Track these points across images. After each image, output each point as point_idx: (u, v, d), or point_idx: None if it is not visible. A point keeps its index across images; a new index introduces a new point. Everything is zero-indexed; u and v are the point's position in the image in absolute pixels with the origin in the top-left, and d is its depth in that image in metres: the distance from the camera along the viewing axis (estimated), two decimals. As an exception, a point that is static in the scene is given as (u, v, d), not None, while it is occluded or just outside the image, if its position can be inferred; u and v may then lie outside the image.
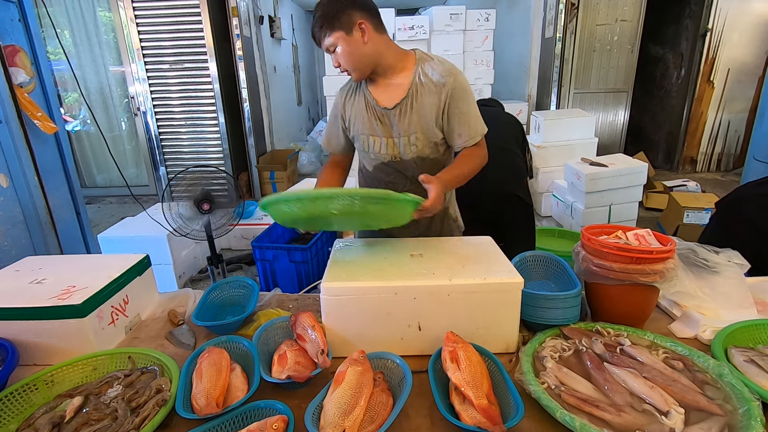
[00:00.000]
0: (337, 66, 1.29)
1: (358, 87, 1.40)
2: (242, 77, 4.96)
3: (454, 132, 1.33)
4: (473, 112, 1.32)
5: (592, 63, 5.10)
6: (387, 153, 1.40)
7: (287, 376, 0.91)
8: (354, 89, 1.41)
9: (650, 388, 0.87)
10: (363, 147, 1.43)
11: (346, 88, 1.43)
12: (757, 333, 1.07)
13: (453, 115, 1.31)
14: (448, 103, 1.29)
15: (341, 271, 1.10)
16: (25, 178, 2.06)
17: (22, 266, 1.29)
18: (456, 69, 1.32)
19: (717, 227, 1.73)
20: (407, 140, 1.35)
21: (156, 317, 1.32)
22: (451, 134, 1.34)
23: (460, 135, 1.32)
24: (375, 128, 1.37)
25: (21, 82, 2.04)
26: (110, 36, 4.76)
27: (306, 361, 0.96)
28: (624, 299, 1.10)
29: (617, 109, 5.33)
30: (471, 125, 1.32)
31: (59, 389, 0.98)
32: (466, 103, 1.30)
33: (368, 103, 1.36)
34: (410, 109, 1.32)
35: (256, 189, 5.34)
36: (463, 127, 1.31)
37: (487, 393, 0.84)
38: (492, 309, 1.04)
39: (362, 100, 1.37)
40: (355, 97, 1.39)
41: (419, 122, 1.32)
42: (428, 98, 1.30)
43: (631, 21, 4.95)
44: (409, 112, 1.32)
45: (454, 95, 1.29)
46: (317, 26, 1.25)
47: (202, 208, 2.10)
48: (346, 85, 1.44)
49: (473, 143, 1.33)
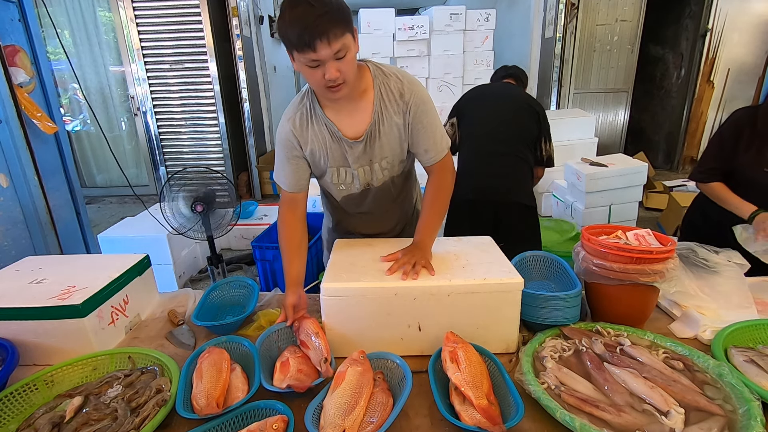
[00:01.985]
0: (335, 77, 1.01)
1: (310, 114, 1.18)
2: (242, 77, 4.96)
3: (420, 147, 1.23)
4: (438, 126, 1.23)
5: (592, 63, 5.10)
6: (360, 183, 1.28)
7: (288, 386, 0.90)
8: (307, 117, 1.19)
9: (650, 388, 0.87)
10: (332, 179, 1.28)
11: (295, 118, 1.19)
12: (757, 333, 1.07)
13: (417, 132, 1.20)
14: (412, 121, 1.19)
15: (341, 272, 1.10)
16: (25, 178, 2.06)
17: (22, 266, 1.29)
18: (413, 81, 1.20)
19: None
20: (378, 166, 1.25)
21: (156, 317, 1.32)
22: (417, 150, 1.24)
23: (427, 150, 1.23)
24: (345, 159, 1.23)
25: (21, 82, 2.04)
26: (110, 36, 4.76)
27: (309, 369, 0.95)
28: (624, 299, 1.10)
29: (617, 109, 5.33)
30: (437, 140, 1.22)
31: (59, 389, 0.98)
32: (428, 117, 1.20)
33: (333, 134, 1.19)
34: (378, 136, 1.20)
35: (256, 189, 5.34)
36: (429, 142, 1.21)
37: (487, 393, 0.84)
38: (492, 309, 1.04)
39: (323, 130, 1.19)
40: (312, 126, 1.19)
41: (388, 146, 1.22)
42: (393, 120, 1.18)
43: (631, 21, 4.95)
44: (378, 139, 1.20)
45: (417, 111, 1.18)
46: (327, 22, 0.94)
47: (195, 210, 2.10)
48: (290, 112, 1.20)
49: (440, 158, 1.24)
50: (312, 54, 0.96)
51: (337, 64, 1.00)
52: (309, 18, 0.93)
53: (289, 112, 1.21)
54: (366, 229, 1.44)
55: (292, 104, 1.21)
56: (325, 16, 0.94)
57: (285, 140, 1.21)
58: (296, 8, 0.94)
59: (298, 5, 0.94)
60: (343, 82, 1.03)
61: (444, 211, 1.26)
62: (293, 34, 0.95)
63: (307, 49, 0.96)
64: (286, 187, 1.26)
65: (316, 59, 0.97)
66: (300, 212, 1.28)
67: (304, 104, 1.19)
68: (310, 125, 1.19)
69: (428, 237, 1.19)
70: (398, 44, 4.34)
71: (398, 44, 4.34)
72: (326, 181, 1.32)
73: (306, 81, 1.10)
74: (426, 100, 1.19)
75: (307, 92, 1.20)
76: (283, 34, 0.98)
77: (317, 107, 1.18)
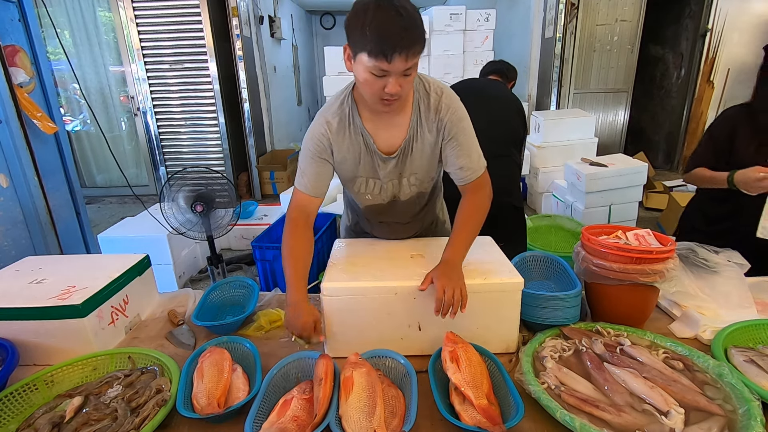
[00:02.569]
0: (396, 92, 0.97)
1: (349, 122, 1.14)
2: (242, 77, 4.96)
3: (454, 166, 1.18)
4: (474, 144, 1.18)
5: (592, 63, 5.10)
6: (386, 195, 1.25)
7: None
8: (345, 124, 1.14)
9: (650, 388, 0.87)
10: (360, 189, 1.24)
11: (333, 121, 1.14)
12: (757, 333, 1.07)
13: (453, 150, 1.16)
14: (446, 138, 1.15)
15: (341, 271, 1.10)
16: (25, 178, 2.05)
17: (22, 266, 1.29)
18: (451, 97, 1.15)
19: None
20: (407, 181, 1.22)
21: (156, 317, 1.32)
22: (452, 168, 1.19)
23: (462, 168, 1.17)
24: (376, 171, 1.20)
25: (21, 82, 2.04)
26: (110, 36, 4.76)
27: (307, 417, 0.85)
28: (624, 299, 1.10)
29: (617, 109, 5.33)
30: (473, 158, 1.17)
31: (59, 389, 0.98)
32: (464, 136, 1.15)
33: (368, 146, 1.15)
34: (411, 152, 1.17)
35: (256, 189, 5.34)
36: (464, 160, 1.16)
37: (487, 393, 0.85)
38: (492, 309, 1.04)
39: (359, 140, 1.15)
40: (349, 134, 1.14)
41: (420, 162, 1.19)
42: (428, 137, 1.15)
43: (631, 21, 4.95)
44: (411, 155, 1.17)
45: (453, 129, 1.14)
46: (411, 37, 0.91)
47: (195, 210, 2.10)
48: (328, 114, 1.14)
49: (476, 177, 1.18)
50: (384, 64, 0.92)
51: (401, 80, 0.97)
52: (394, 28, 0.89)
53: (326, 113, 1.15)
54: (383, 235, 1.39)
55: (330, 106, 1.16)
56: (410, 30, 0.90)
57: (317, 139, 1.14)
58: (383, 12, 0.89)
59: (385, 9, 0.89)
60: (399, 97, 1.01)
61: (477, 230, 1.16)
62: (372, 38, 0.90)
63: (383, 58, 0.91)
64: (305, 188, 1.16)
65: (386, 71, 0.93)
66: (311, 221, 1.18)
67: (343, 110, 1.14)
68: (346, 132, 1.14)
69: (459, 256, 1.09)
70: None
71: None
72: (353, 189, 1.27)
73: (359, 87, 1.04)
74: (462, 118, 1.15)
75: (347, 98, 1.14)
76: (358, 33, 0.92)
77: (356, 116, 1.13)
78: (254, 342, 1.08)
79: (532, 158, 4.35)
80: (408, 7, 0.92)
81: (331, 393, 0.88)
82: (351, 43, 0.97)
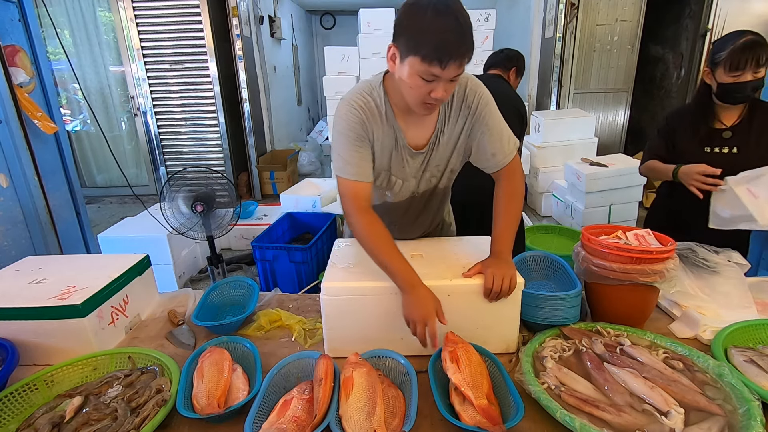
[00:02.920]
0: (442, 97, 0.97)
1: (382, 114, 1.10)
2: (242, 77, 4.95)
3: (486, 152, 1.15)
4: (504, 127, 1.15)
5: (592, 63, 5.09)
6: (406, 192, 1.24)
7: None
8: (379, 115, 1.10)
9: (650, 388, 0.87)
10: (381, 183, 1.20)
11: (369, 110, 1.09)
12: (757, 333, 1.07)
13: (483, 135, 1.13)
14: (475, 124, 1.13)
15: (341, 271, 1.10)
16: (25, 178, 2.06)
17: (22, 266, 1.29)
18: (476, 81, 1.13)
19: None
20: (429, 174, 1.21)
21: (156, 317, 1.32)
22: (483, 155, 1.16)
23: (495, 154, 1.14)
24: (402, 169, 1.18)
25: (21, 82, 2.04)
26: (110, 36, 4.76)
27: (307, 417, 0.84)
28: (624, 299, 1.10)
29: (617, 109, 5.33)
30: (504, 142, 1.14)
31: (59, 389, 0.98)
32: (493, 119, 1.13)
33: (398, 141, 1.13)
34: (437, 146, 1.16)
35: (256, 189, 5.34)
36: (495, 145, 1.13)
37: (487, 393, 0.85)
38: (492, 309, 1.04)
39: (392, 134, 1.12)
40: (383, 126, 1.11)
41: (444, 154, 1.18)
42: (455, 127, 1.14)
43: (631, 21, 4.95)
44: (436, 150, 1.16)
45: (482, 114, 1.11)
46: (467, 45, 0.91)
47: (195, 210, 2.10)
48: (356, 101, 1.09)
49: (509, 161, 1.16)
50: (437, 70, 0.91)
51: (448, 86, 0.96)
52: (452, 35, 0.89)
53: (354, 101, 1.08)
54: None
55: (358, 93, 1.09)
56: (467, 37, 0.90)
57: (352, 126, 1.07)
58: (441, 18, 0.89)
59: (444, 15, 0.89)
60: (442, 102, 1.00)
61: (518, 218, 1.15)
62: (429, 42, 0.89)
63: (437, 64, 0.90)
64: (354, 176, 1.08)
65: (437, 76, 0.92)
66: (371, 207, 1.11)
67: (374, 100, 1.09)
68: (380, 123, 1.10)
69: (507, 247, 1.09)
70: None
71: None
72: (374, 184, 1.21)
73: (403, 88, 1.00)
74: (489, 100, 1.13)
75: (378, 88, 1.10)
76: (412, 36, 0.91)
77: (389, 108, 1.10)
78: (254, 342, 1.08)
79: (532, 158, 4.35)
80: (464, 13, 0.91)
81: (331, 393, 0.88)
82: (401, 45, 0.95)
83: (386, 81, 1.11)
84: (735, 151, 1.51)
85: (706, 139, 1.55)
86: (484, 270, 1.03)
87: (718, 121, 1.55)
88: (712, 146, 1.54)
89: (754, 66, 1.39)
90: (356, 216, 1.07)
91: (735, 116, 1.53)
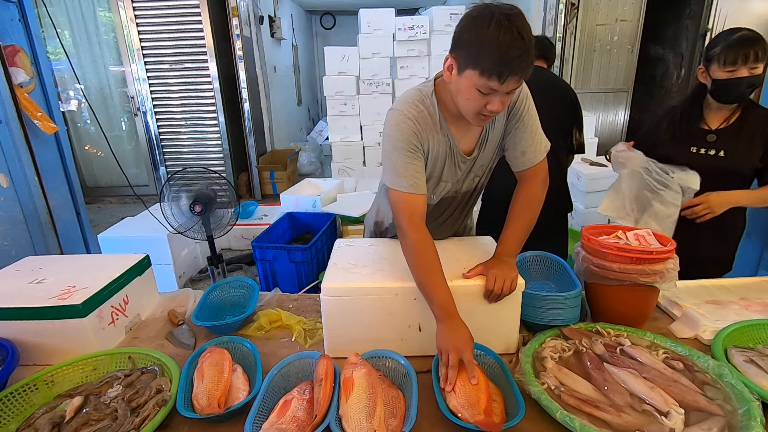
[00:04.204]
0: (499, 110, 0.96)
1: (437, 123, 1.09)
2: (242, 77, 4.96)
3: (517, 149, 1.14)
4: (538, 125, 1.14)
5: (592, 63, 5.09)
6: (449, 194, 1.24)
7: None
8: (433, 124, 1.09)
9: (650, 388, 0.87)
10: (429, 187, 1.19)
11: (417, 119, 1.07)
12: (757, 333, 1.07)
13: (518, 131, 1.12)
14: (514, 118, 1.12)
15: (341, 271, 1.10)
16: (25, 178, 2.06)
17: (22, 266, 1.29)
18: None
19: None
20: (471, 177, 1.21)
21: (156, 317, 1.32)
22: (514, 152, 1.15)
23: (525, 153, 1.13)
24: (452, 175, 1.18)
25: (21, 82, 2.04)
26: (110, 36, 4.76)
27: (307, 418, 0.85)
28: (624, 299, 1.10)
29: (617, 109, 5.33)
30: (536, 141, 1.13)
31: (59, 389, 0.98)
32: (530, 115, 1.11)
33: (451, 148, 1.12)
34: (484, 148, 1.16)
35: (256, 189, 5.34)
36: (527, 143, 1.12)
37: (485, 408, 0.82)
38: (492, 310, 1.04)
39: (446, 142, 1.11)
40: (437, 135, 1.10)
41: (488, 156, 1.18)
42: (499, 127, 1.14)
43: (631, 21, 4.95)
44: (483, 152, 1.16)
45: (521, 108, 1.10)
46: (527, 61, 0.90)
47: (194, 210, 2.10)
48: (409, 111, 1.07)
49: (536, 162, 1.14)
50: (496, 84, 0.90)
51: (505, 99, 0.95)
52: (514, 51, 0.87)
53: (407, 111, 1.07)
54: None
55: (410, 103, 1.08)
56: (527, 54, 0.89)
57: (406, 138, 1.06)
58: (504, 33, 0.87)
59: (506, 30, 0.87)
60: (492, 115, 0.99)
61: (532, 223, 1.13)
62: (489, 57, 0.88)
63: (496, 79, 0.89)
64: (411, 189, 1.05)
65: (495, 90, 0.92)
66: (424, 221, 1.08)
67: (427, 108, 1.08)
68: (433, 132, 1.09)
69: (512, 250, 1.08)
70: (398, 44, 4.34)
71: (398, 44, 4.34)
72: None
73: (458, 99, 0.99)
74: (528, 96, 1.12)
75: (430, 97, 1.09)
76: (473, 49, 0.90)
77: (442, 116, 1.09)
78: (254, 342, 1.08)
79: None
80: (526, 28, 0.89)
81: (332, 393, 0.88)
82: (460, 57, 0.94)
83: (437, 88, 1.10)
84: (722, 154, 1.47)
85: (690, 139, 1.51)
86: (486, 271, 1.03)
87: (704, 122, 1.51)
88: (698, 147, 1.50)
89: (749, 61, 1.33)
90: (409, 232, 1.04)
91: (721, 119, 1.49)
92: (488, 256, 1.13)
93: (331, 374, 0.91)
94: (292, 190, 3.65)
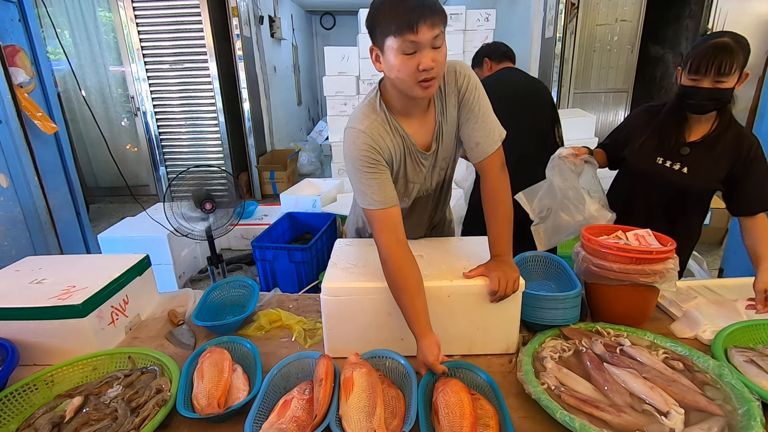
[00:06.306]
0: (431, 66, 0.94)
1: (386, 125, 1.08)
2: (242, 77, 4.96)
3: (471, 141, 1.13)
4: (490, 115, 1.13)
5: (592, 63, 5.10)
6: (419, 193, 1.24)
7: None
8: (385, 128, 1.08)
9: (650, 388, 0.87)
10: (399, 190, 1.18)
11: (370, 130, 1.06)
12: (757, 333, 1.07)
13: (469, 121, 1.12)
14: (462, 109, 1.12)
15: (341, 272, 1.10)
16: (25, 178, 2.06)
17: (22, 266, 1.29)
18: (464, 65, 1.12)
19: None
20: (437, 170, 1.21)
21: (156, 317, 1.32)
22: (468, 143, 1.14)
23: (478, 144, 1.12)
24: (417, 174, 1.18)
25: (21, 82, 2.04)
26: (110, 36, 4.76)
27: (307, 417, 0.84)
28: (624, 299, 1.10)
29: (617, 109, 5.33)
30: (489, 130, 1.12)
31: (59, 389, 0.98)
32: (480, 105, 1.11)
33: (409, 147, 1.12)
34: (441, 141, 1.15)
35: (256, 189, 5.35)
36: (480, 134, 1.11)
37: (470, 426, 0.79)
38: (492, 310, 1.04)
39: (400, 141, 1.10)
40: (392, 138, 1.09)
41: (448, 147, 1.17)
42: (452, 114, 1.12)
43: (631, 21, 4.95)
44: (441, 143, 1.15)
45: (470, 98, 1.10)
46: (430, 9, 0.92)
47: (204, 208, 2.10)
48: (361, 124, 1.06)
49: (491, 151, 1.12)
50: (412, 35, 0.91)
51: (433, 54, 0.94)
52: (413, 3, 0.91)
53: (358, 125, 1.06)
54: None
55: (361, 115, 1.08)
56: (428, 4, 0.92)
57: (363, 156, 1.05)
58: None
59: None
60: (435, 76, 0.97)
61: (510, 212, 1.13)
62: (393, 17, 0.92)
63: (408, 31, 0.91)
64: (379, 205, 1.05)
65: (416, 41, 0.92)
66: (402, 231, 1.08)
67: (378, 115, 1.08)
68: (387, 136, 1.08)
69: (507, 249, 1.09)
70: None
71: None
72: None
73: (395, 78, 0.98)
74: (478, 86, 1.11)
75: (378, 103, 1.09)
76: (379, 23, 0.95)
77: (393, 118, 1.09)
78: (254, 342, 1.08)
79: (532, 158, 4.35)
80: None
81: (332, 393, 0.88)
82: (375, 39, 0.97)
83: (382, 91, 1.10)
84: (685, 171, 1.35)
85: (660, 150, 1.40)
86: (489, 273, 1.03)
87: (684, 133, 1.37)
88: (665, 159, 1.39)
89: (714, 73, 1.19)
90: (386, 249, 1.04)
91: (700, 134, 1.35)
92: (488, 256, 1.13)
93: (331, 374, 0.91)
94: (292, 190, 3.65)
